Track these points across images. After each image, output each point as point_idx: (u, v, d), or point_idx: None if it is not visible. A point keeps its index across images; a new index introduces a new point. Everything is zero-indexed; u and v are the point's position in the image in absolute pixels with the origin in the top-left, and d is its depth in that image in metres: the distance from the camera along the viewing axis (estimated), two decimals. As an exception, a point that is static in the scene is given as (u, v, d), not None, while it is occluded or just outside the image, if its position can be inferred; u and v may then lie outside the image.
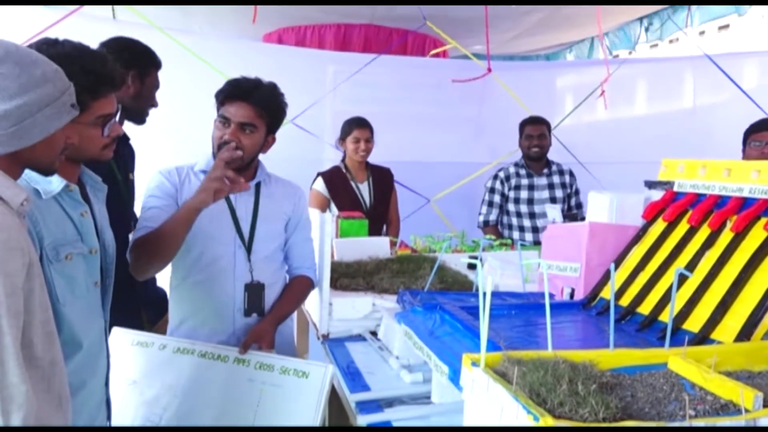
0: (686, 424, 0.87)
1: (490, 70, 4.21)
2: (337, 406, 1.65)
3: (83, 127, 1.29)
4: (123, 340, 1.78)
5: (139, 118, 2.12)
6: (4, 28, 3.24)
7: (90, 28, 3.32)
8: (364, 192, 3.15)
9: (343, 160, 3.22)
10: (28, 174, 1.22)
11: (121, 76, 1.33)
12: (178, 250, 1.66)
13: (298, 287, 1.90)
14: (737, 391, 0.96)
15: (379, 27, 4.89)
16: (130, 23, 3.56)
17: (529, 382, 0.96)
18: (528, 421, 0.86)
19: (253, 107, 1.76)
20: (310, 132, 3.70)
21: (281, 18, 4.64)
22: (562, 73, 4.94)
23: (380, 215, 3.18)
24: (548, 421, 0.84)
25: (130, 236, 1.77)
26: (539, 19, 5.14)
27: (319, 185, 3.11)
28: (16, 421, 0.94)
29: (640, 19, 5.40)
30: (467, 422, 1.09)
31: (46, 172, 1.17)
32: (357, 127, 3.14)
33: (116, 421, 1.68)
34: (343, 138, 3.19)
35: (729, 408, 0.96)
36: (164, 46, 3.46)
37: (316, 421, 1.54)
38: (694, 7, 4.52)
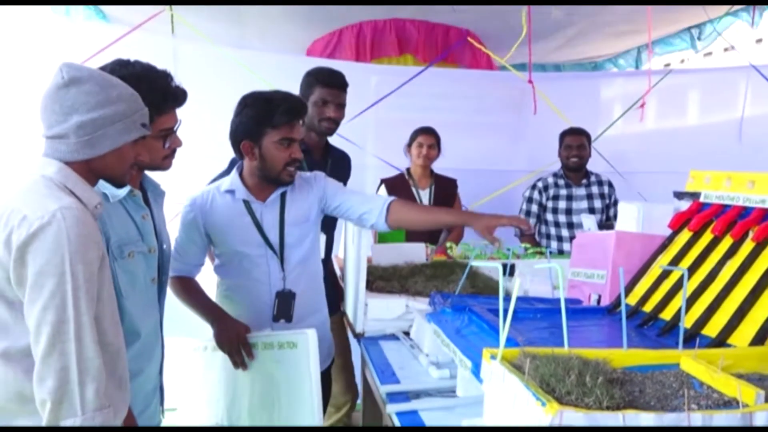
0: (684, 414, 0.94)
1: (531, 81, 4.26)
2: (371, 399, 1.76)
3: (148, 140, 1.44)
4: (185, 348, 1.95)
5: None
6: (71, 45, 3.49)
7: (150, 44, 3.56)
8: (424, 198, 3.26)
9: (408, 168, 3.37)
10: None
11: (184, 94, 1.49)
12: None
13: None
14: (743, 390, 1.02)
15: (427, 23, 4.95)
16: (188, 38, 3.78)
17: (541, 373, 1.05)
18: (536, 407, 0.95)
19: (302, 123, 1.94)
20: (351, 141, 3.84)
21: (328, 23, 4.79)
22: (604, 84, 4.93)
23: None
24: (553, 407, 0.92)
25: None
26: (581, 29, 5.14)
27: (382, 191, 3.25)
28: (90, 391, 1.08)
29: (689, 29, 5.35)
30: (486, 411, 1.18)
31: (118, 183, 1.32)
32: (422, 133, 3.29)
33: (186, 421, 1.87)
34: (409, 144, 3.34)
35: (732, 404, 1.02)
36: (219, 60, 3.67)
37: (312, 387, 1.69)
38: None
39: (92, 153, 1.21)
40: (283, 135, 1.85)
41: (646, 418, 0.93)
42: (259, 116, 1.85)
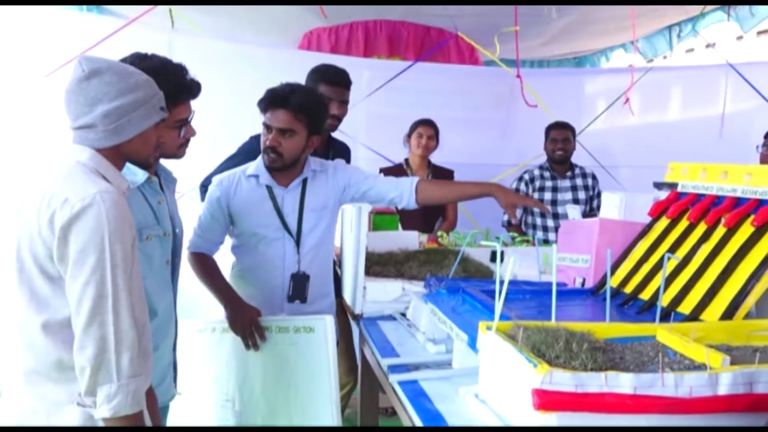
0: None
1: (519, 77, 4.38)
2: (369, 374, 1.87)
3: (164, 129, 1.53)
4: (188, 329, 2.03)
5: None
6: (66, 39, 3.54)
7: (145, 37, 3.62)
8: None
9: (406, 159, 3.50)
10: None
11: (198, 87, 1.58)
12: None
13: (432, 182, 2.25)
14: (710, 355, 1.15)
15: (417, 26, 5.07)
16: (186, 32, 3.85)
17: (532, 341, 1.17)
18: (529, 369, 1.07)
19: (290, 113, 1.96)
20: (345, 133, 3.95)
21: (319, 20, 4.87)
22: (589, 80, 5.08)
23: (433, 211, 3.40)
24: (544, 368, 1.04)
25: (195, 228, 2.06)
26: (567, 24, 5.27)
27: None
28: (125, 360, 1.18)
29: (669, 27, 5.50)
30: (482, 377, 1.30)
31: (144, 165, 1.42)
32: (422, 125, 3.44)
33: (193, 398, 1.97)
34: (409, 135, 3.47)
35: (701, 369, 1.15)
36: (214, 53, 3.75)
37: (330, 370, 1.79)
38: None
39: (119, 139, 1.30)
40: (263, 121, 2.00)
41: (625, 378, 1.05)
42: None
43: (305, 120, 1.99)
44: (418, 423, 1.29)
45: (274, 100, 1.97)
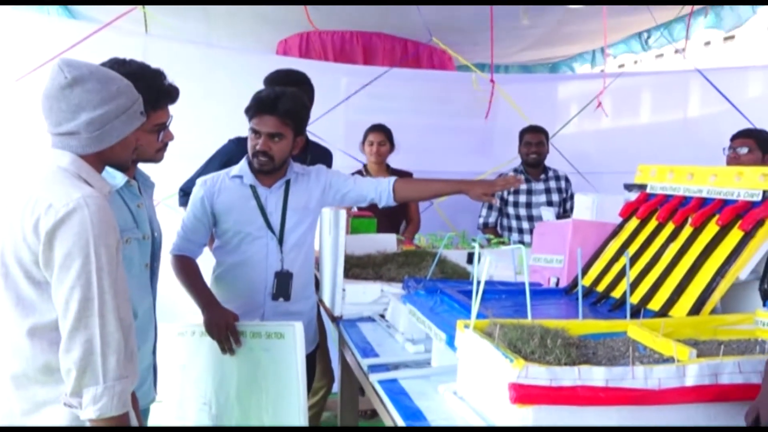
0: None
1: (493, 81, 4.45)
2: (348, 376, 1.89)
3: (143, 134, 1.53)
4: (168, 332, 2.03)
5: None
6: (39, 43, 3.50)
7: (120, 41, 3.59)
8: None
9: (365, 165, 3.53)
10: None
11: (176, 91, 1.59)
12: None
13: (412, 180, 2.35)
14: (678, 349, 1.20)
15: (393, 37, 5.12)
16: (160, 36, 3.83)
17: (509, 338, 1.20)
18: (506, 364, 1.10)
19: (278, 118, 2.00)
20: (324, 140, 3.96)
21: (296, 26, 4.90)
22: (562, 85, 5.18)
23: (397, 214, 3.43)
24: (520, 363, 1.08)
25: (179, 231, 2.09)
26: (543, 34, 5.38)
27: None
28: (111, 362, 1.19)
29: (639, 34, 5.64)
30: (460, 374, 1.33)
31: (122, 168, 1.43)
32: (372, 132, 3.47)
33: (174, 401, 1.99)
34: (363, 142, 3.51)
35: (669, 362, 1.20)
36: (189, 58, 3.74)
37: (299, 376, 1.81)
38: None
39: (102, 146, 1.30)
40: (250, 126, 2.04)
41: (598, 371, 1.09)
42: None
43: (292, 124, 2.04)
44: (399, 420, 1.31)
45: (262, 106, 2.01)
